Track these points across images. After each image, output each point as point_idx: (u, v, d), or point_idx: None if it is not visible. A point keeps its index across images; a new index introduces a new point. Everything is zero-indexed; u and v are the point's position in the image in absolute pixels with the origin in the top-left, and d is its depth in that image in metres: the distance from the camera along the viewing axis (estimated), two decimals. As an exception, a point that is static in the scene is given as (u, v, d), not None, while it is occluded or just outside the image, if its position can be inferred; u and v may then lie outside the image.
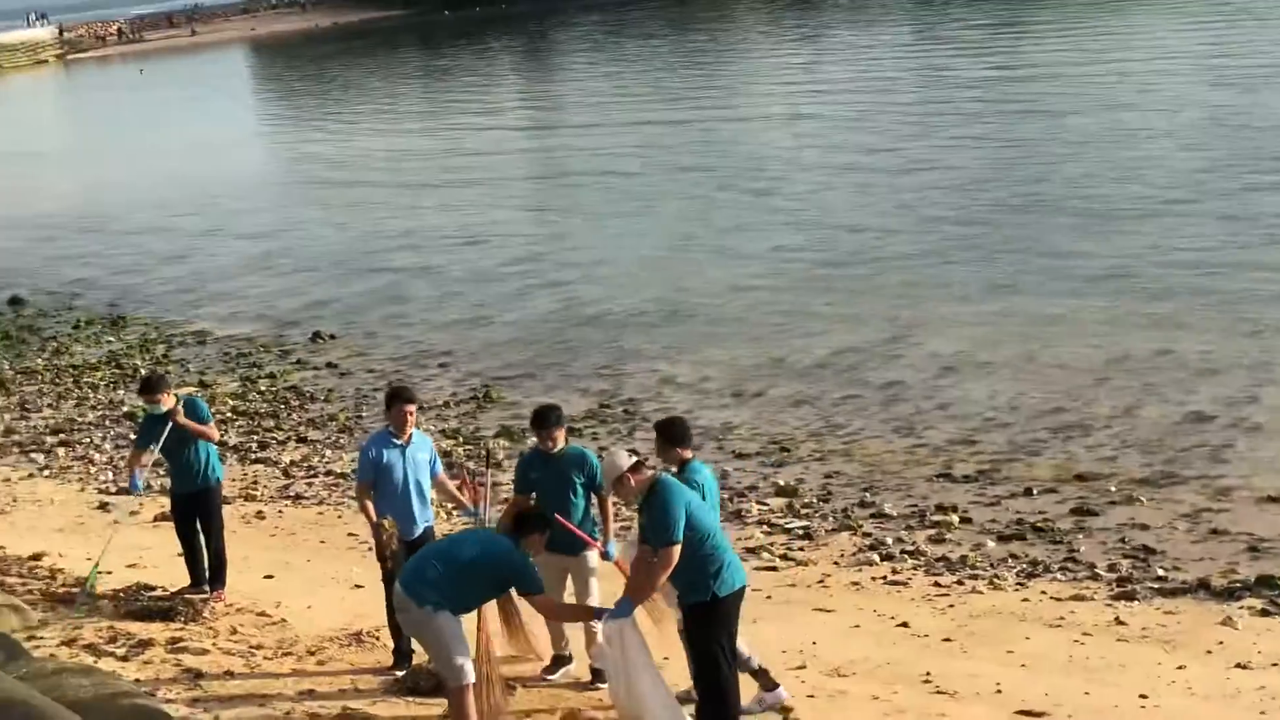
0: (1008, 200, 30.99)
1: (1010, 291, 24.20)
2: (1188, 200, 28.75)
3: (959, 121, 42.36)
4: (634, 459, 9.86)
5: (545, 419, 11.37)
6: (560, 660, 11.50)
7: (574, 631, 11.45)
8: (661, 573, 9.51)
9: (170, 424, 13.33)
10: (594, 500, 11.28)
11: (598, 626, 10.71)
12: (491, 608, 10.41)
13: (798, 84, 57.70)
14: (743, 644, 10.45)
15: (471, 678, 9.91)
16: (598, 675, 11.14)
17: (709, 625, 9.69)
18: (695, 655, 9.77)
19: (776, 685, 10.75)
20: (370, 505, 11.54)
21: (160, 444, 13.46)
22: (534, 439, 11.65)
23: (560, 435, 11.35)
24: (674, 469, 10.27)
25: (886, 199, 32.84)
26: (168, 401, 13.52)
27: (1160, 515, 14.99)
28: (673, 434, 10.59)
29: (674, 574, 9.61)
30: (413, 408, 11.78)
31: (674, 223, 33.44)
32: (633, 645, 9.70)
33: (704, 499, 10.00)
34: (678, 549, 9.43)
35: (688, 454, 10.49)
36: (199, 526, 13.73)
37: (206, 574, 13.77)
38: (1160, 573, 13.54)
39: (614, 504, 11.54)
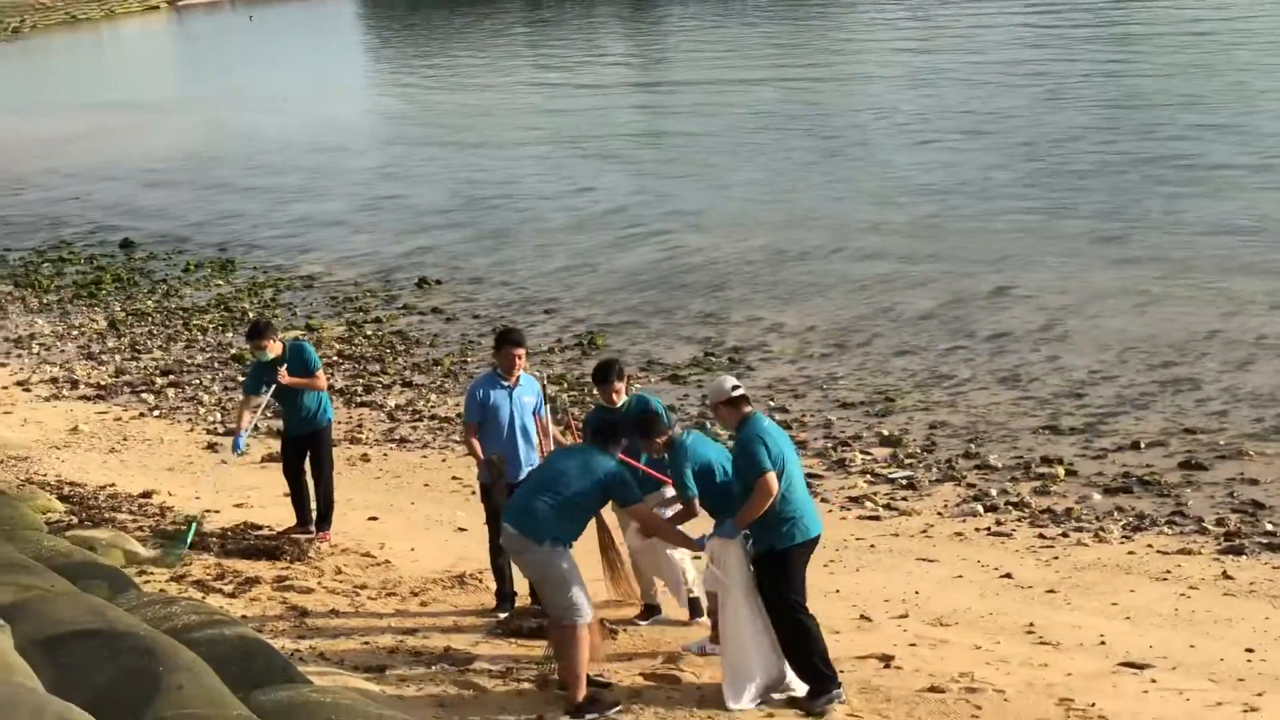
0: (1116, 157, 30.55)
1: (1119, 246, 23.90)
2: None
3: (1066, 78, 41.78)
4: (738, 391, 9.91)
5: (607, 373, 11.31)
6: (651, 609, 11.52)
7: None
8: (761, 500, 9.58)
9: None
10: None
11: (687, 561, 10.81)
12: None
13: (904, 40, 57.12)
14: (693, 576, 10.94)
15: (589, 616, 9.87)
16: (695, 609, 11.18)
17: (771, 575, 9.79)
18: (765, 601, 9.86)
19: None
20: (477, 444, 11.60)
21: (271, 389, 13.65)
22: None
23: (623, 389, 11.29)
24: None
25: (992, 154, 32.48)
26: (274, 348, 13.70)
27: (1270, 470, 14.79)
28: (651, 428, 10.43)
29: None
30: (521, 351, 11.78)
31: (777, 175, 33.28)
32: (734, 564, 9.84)
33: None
34: (771, 475, 9.55)
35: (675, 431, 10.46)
36: (308, 467, 13.90)
37: (313, 515, 13.94)
38: (1269, 528, 13.35)
39: None
